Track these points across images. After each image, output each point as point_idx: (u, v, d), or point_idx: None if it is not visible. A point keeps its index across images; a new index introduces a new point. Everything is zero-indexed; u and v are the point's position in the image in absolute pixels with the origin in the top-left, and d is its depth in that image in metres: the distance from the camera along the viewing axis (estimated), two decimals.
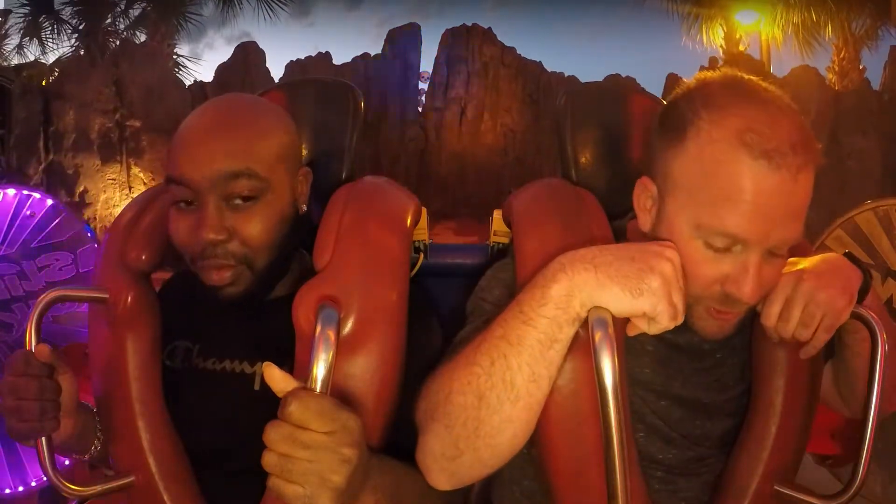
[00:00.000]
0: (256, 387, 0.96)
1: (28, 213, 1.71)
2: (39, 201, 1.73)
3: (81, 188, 6.01)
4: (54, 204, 1.74)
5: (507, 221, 1.09)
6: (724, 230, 0.77)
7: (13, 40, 9.80)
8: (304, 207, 1.00)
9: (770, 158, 0.74)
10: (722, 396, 0.96)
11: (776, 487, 0.92)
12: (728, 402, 0.97)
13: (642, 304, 0.73)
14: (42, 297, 0.89)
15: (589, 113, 1.21)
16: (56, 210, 1.74)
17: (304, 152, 1.14)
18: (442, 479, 0.82)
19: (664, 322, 0.74)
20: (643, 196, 0.87)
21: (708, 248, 0.79)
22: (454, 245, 1.28)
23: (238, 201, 0.90)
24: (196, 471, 0.97)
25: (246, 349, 0.98)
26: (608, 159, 1.15)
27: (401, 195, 1.05)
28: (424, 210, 1.12)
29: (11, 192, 1.70)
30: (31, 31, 9.63)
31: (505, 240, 1.15)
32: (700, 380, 0.95)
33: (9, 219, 1.70)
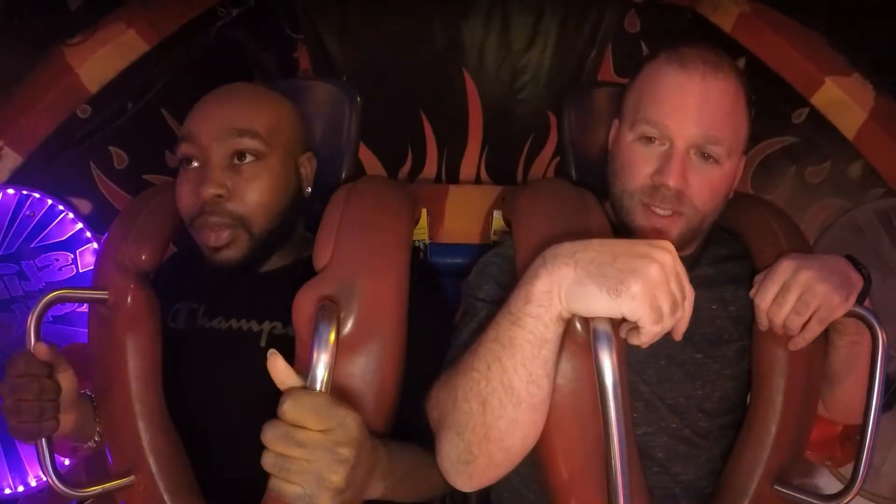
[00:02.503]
0: (262, 343, 0.97)
1: (28, 213, 1.71)
2: (39, 201, 1.72)
3: None
4: (54, 204, 1.74)
5: (508, 221, 1.09)
6: (649, 119, 0.92)
7: None
8: (309, 190, 1.05)
9: (682, 63, 0.92)
10: (717, 352, 0.98)
11: (776, 487, 0.92)
12: (724, 363, 0.98)
13: (620, 306, 0.67)
14: (42, 297, 0.90)
15: (589, 113, 1.21)
16: (56, 210, 1.74)
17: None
18: (462, 481, 0.83)
19: (647, 326, 0.68)
20: (612, 134, 1.02)
21: (642, 143, 0.93)
22: (454, 245, 1.28)
23: (239, 161, 0.95)
24: (199, 451, 0.97)
25: (253, 309, 1.00)
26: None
27: (401, 195, 1.05)
28: (424, 210, 1.12)
29: (11, 191, 1.70)
30: None
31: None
32: (694, 335, 0.96)
33: (8, 219, 1.69)
